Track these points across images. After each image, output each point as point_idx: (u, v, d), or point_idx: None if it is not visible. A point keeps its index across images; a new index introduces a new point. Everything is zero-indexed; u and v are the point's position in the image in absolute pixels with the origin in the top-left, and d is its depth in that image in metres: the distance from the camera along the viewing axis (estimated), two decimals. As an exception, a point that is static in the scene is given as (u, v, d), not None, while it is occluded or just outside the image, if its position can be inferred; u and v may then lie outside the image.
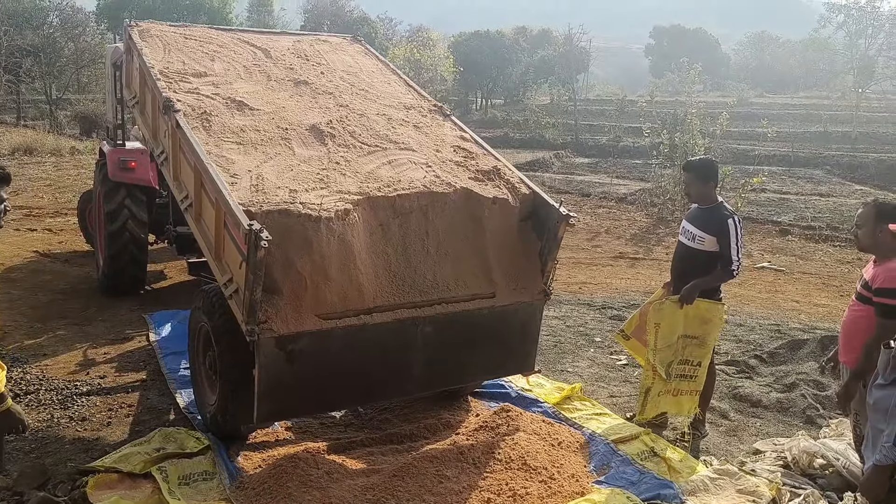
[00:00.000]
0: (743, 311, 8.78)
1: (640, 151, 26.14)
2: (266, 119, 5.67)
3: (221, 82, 6.21)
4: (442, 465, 4.66)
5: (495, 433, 5.09)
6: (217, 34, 7.38)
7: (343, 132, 5.65)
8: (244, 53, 6.97)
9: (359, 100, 6.40)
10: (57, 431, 5.24)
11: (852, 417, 4.37)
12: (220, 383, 4.85)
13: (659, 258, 12.00)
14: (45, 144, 21.94)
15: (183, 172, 5.59)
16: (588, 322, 8.22)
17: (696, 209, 5.51)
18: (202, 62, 6.55)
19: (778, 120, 32.47)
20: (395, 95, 6.74)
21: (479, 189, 5.28)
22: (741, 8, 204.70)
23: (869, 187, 22.77)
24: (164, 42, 6.81)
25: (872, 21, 41.79)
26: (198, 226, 5.29)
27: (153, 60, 6.33)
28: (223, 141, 5.29)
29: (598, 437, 5.27)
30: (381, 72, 7.35)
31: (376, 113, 6.15)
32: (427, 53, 40.31)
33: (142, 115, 6.83)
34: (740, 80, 62.86)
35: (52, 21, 38.89)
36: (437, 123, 6.34)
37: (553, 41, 53.00)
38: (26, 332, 7.26)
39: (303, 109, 5.98)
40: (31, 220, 12.48)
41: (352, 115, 5.98)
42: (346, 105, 6.17)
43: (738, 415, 5.95)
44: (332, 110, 6.02)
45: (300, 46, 7.44)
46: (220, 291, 4.82)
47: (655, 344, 5.34)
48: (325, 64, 7.12)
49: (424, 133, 6.05)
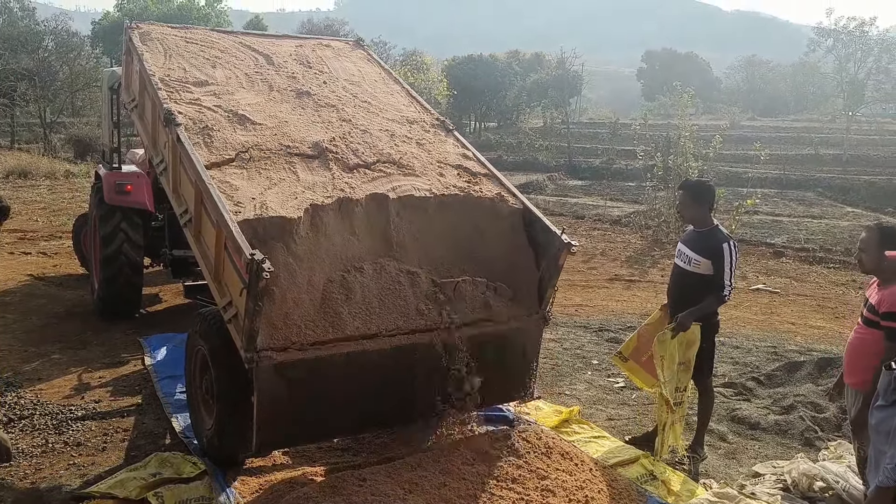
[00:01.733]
0: (739, 333, 8.78)
1: (633, 174, 26.28)
2: (269, 136, 5.64)
3: (223, 92, 6.14)
4: (444, 487, 4.62)
5: (495, 455, 5.05)
6: (219, 37, 7.26)
7: (346, 151, 5.63)
8: (246, 59, 6.87)
9: (362, 113, 6.36)
10: (51, 457, 5.18)
11: (856, 440, 4.35)
12: (217, 408, 4.81)
13: (654, 280, 12.02)
14: (39, 168, 21.95)
15: (183, 186, 5.54)
16: (585, 344, 8.21)
17: (691, 232, 5.50)
18: (203, 69, 6.47)
19: (769, 143, 32.60)
20: (398, 107, 6.70)
21: (480, 218, 5.32)
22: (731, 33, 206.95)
23: (861, 209, 22.93)
24: (164, 46, 6.70)
25: (861, 45, 42.25)
26: (197, 243, 5.24)
27: (154, 67, 6.24)
28: (225, 160, 5.27)
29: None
30: (384, 81, 7.27)
31: (379, 128, 6.14)
32: (421, 77, 40.52)
33: (140, 119, 6.73)
34: (731, 103, 63.40)
35: (48, 45, 39.05)
36: (439, 140, 6.34)
37: (546, 65, 53.43)
38: (20, 357, 7.20)
39: (305, 124, 5.94)
40: (25, 244, 12.44)
41: (355, 130, 5.98)
42: (348, 120, 6.14)
43: (736, 437, 5.93)
44: (335, 125, 6.00)
45: (303, 52, 7.32)
46: (217, 315, 4.80)
47: (664, 376, 5.29)
48: (328, 72, 7.03)
49: (427, 151, 6.05)
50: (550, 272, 5.32)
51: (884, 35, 42.97)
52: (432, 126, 6.53)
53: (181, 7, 50.26)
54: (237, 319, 4.43)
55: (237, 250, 4.30)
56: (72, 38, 40.49)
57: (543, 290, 5.36)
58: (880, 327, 4.06)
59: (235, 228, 4.39)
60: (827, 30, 43.23)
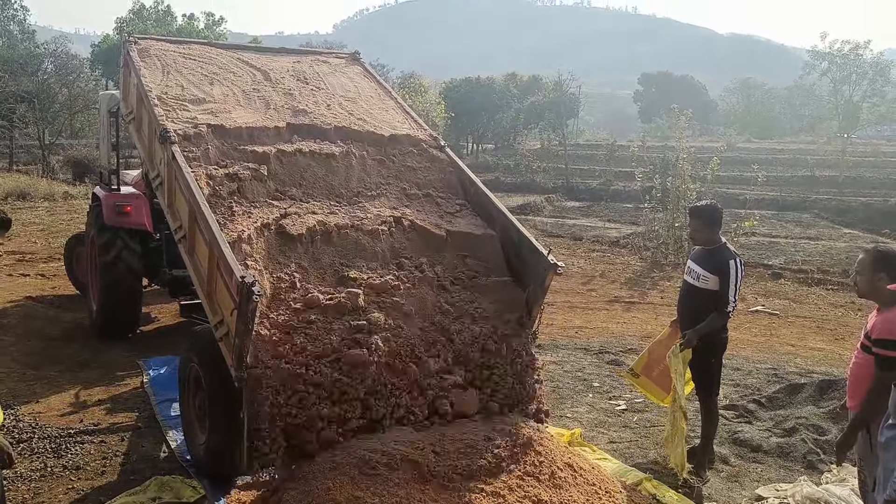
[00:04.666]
0: (739, 354, 8.76)
1: (630, 195, 26.34)
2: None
3: (220, 110, 6.17)
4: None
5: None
6: (217, 53, 7.31)
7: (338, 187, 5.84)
8: (244, 76, 6.92)
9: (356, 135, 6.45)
10: (50, 482, 5.14)
11: (858, 464, 4.33)
12: (209, 424, 4.83)
13: (654, 302, 12.02)
14: (38, 189, 21.95)
15: (178, 202, 5.57)
16: (586, 367, 8.19)
17: (700, 249, 5.64)
18: (201, 86, 6.51)
19: (766, 165, 32.81)
20: (393, 124, 6.76)
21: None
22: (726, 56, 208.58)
23: (858, 231, 22.98)
24: (163, 63, 6.75)
25: (856, 68, 42.49)
26: (190, 259, 5.31)
27: (151, 84, 6.28)
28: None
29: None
30: (379, 97, 7.35)
31: (372, 157, 6.23)
32: (419, 99, 40.75)
33: (138, 132, 6.76)
34: (728, 125, 63.77)
35: (47, 68, 39.20)
36: (432, 158, 6.49)
37: (543, 87, 53.72)
38: (19, 379, 7.17)
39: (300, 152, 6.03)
40: (23, 266, 12.41)
41: (349, 156, 6.08)
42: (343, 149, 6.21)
43: (738, 460, 5.90)
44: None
45: (300, 67, 7.37)
46: (210, 333, 4.82)
47: (679, 391, 5.39)
48: (324, 88, 7.09)
49: (418, 175, 6.25)
50: (537, 292, 5.37)
51: (878, 58, 43.11)
52: (428, 146, 6.63)
53: (181, 30, 50.64)
54: (228, 338, 4.44)
55: (229, 271, 4.31)
56: (71, 60, 40.59)
57: (530, 308, 5.40)
58: (873, 353, 3.99)
59: (227, 249, 4.41)
60: (821, 53, 43.45)
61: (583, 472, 4.84)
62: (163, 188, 5.92)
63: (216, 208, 5.03)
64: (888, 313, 3.98)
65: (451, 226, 5.77)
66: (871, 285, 4.09)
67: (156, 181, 6.16)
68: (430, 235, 5.64)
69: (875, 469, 3.96)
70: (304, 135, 6.24)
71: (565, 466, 4.80)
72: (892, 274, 3.99)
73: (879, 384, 3.87)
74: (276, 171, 5.72)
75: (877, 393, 3.88)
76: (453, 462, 4.45)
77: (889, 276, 3.99)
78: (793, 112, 67.40)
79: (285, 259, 5.07)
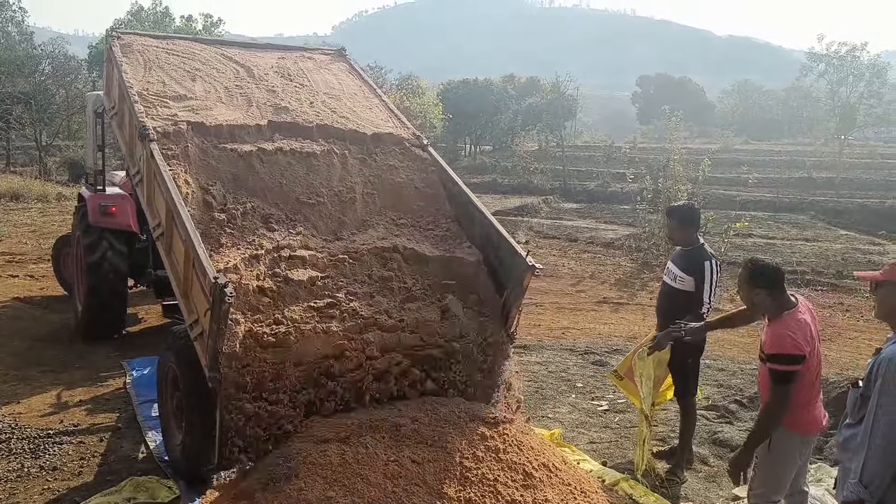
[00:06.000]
0: (725, 355, 8.77)
1: (628, 197, 26.37)
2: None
3: (201, 107, 6.13)
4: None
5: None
6: (200, 49, 7.25)
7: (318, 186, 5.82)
8: (227, 72, 6.87)
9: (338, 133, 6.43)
10: (26, 482, 5.13)
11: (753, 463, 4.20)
12: (186, 424, 4.83)
13: (643, 303, 12.01)
14: (31, 190, 21.91)
15: (156, 200, 5.56)
16: (570, 367, 8.18)
17: (679, 250, 5.66)
18: (183, 82, 6.47)
19: (763, 166, 32.90)
20: (376, 123, 6.72)
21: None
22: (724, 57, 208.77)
23: (854, 232, 23.00)
24: (145, 58, 6.70)
25: (853, 70, 42.52)
26: (168, 258, 5.30)
27: (133, 80, 6.24)
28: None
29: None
30: (364, 94, 7.30)
31: (354, 156, 6.21)
32: (416, 101, 40.78)
33: (119, 128, 6.72)
34: (725, 126, 63.79)
35: (44, 69, 39.16)
36: (414, 157, 6.48)
37: (541, 89, 53.74)
38: (1, 380, 7.16)
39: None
40: (13, 266, 12.40)
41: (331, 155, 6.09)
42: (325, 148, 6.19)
43: (717, 460, 5.89)
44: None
45: (284, 64, 7.34)
46: (186, 333, 4.82)
47: (643, 392, 5.38)
48: (308, 85, 7.05)
49: (401, 174, 6.26)
50: (515, 293, 5.37)
51: (875, 60, 43.12)
52: (410, 145, 6.60)
53: (179, 31, 50.60)
54: (202, 338, 4.44)
55: (203, 272, 4.31)
56: (69, 61, 40.56)
57: (508, 309, 5.40)
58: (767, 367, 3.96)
59: (202, 250, 4.41)
60: (819, 55, 43.53)
61: (558, 472, 4.84)
62: (142, 185, 5.90)
63: (205, 234, 4.98)
64: (775, 326, 3.94)
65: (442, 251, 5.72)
66: (751, 300, 4.08)
67: (136, 178, 6.13)
68: (419, 258, 5.61)
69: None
70: (286, 133, 6.18)
71: (541, 466, 4.79)
72: (768, 287, 3.97)
73: (775, 398, 3.89)
74: (257, 171, 5.71)
75: (774, 406, 3.92)
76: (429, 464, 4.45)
77: (766, 291, 3.97)
78: (790, 114, 67.48)
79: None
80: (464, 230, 5.97)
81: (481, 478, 4.43)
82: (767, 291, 3.97)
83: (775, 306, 3.96)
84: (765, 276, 3.99)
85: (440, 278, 5.48)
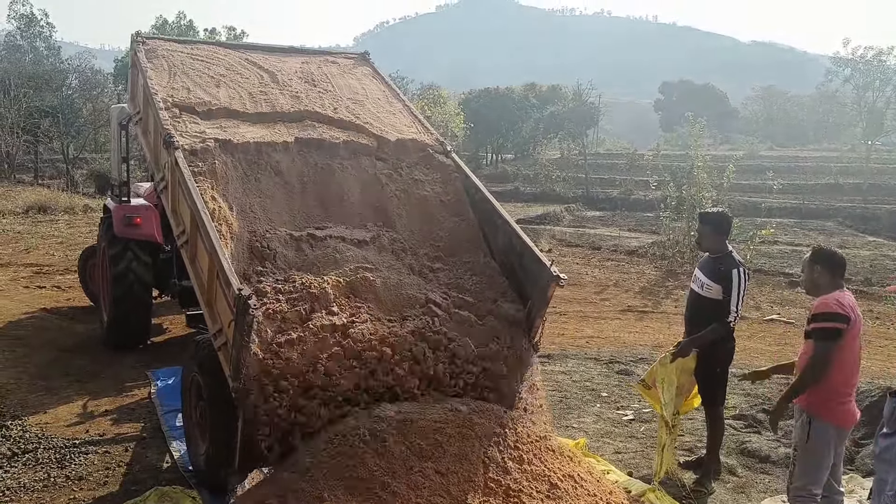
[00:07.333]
0: (752, 364, 8.61)
1: (651, 204, 26.19)
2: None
3: (228, 125, 6.08)
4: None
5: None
6: (225, 53, 7.26)
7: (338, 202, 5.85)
8: (251, 77, 6.86)
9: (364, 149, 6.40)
10: (53, 492, 5.17)
11: (791, 454, 4.52)
12: (210, 433, 4.84)
13: (667, 311, 11.89)
14: (59, 202, 22.22)
15: (181, 207, 5.58)
16: (594, 377, 8.11)
17: (707, 258, 5.58)
18: (207, 88, 6.46)
19: (788, 172, 32.52)
20: (399, 128, 6.70)
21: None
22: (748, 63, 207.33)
23: (882, 238, 22.68)
24: (169, 64, 6.73)
25: (879, 74, 42.09)
26: (192, 267, 5.31)
27: (158, 86, 6.26)
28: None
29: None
30: (387, 99, 7.28)
31: (374, 168, 6.20)
32: (438, 110, 40.84)
33: (144, 135, 6.76)
34: (749, 133, 63.23)
35: (71, 83, 39.77)
36: (438, 166, 6.43)
37: (562, 97, 53.63)
38: (28, 390, 7.23)
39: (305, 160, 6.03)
40: (40, 278, 12.55)
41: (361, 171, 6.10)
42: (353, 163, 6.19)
43: (745, 471, 5.80)
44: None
45: (308, 69, 7.32)
46: (210, 342, 4.83)
47: (664, 399, 5.33)
48: (332, 90, 7.03)
49: (426, 188, 6.21)
50: (539, 303, 5.31)
51: (902, 63, 42.73)
52: (434, 151, 6.56)
53: (202, 44, 51.15)
54: (226, 348, 4.44)
55: (227, 283, 4.32)
56: (95, 75, 41.18)
57: (532, 319, 5.34)
58: (810, 331, 4.31)
59: (227, 262, 4.42)
60: (844, 59, 43.10)
61: (584, 483, 4.78)
62: (167, 192, 5.93)
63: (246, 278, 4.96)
64: (823, 297, 4.31)
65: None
66: (810, 277, 4.45)
67: (160, 184, 6.16)
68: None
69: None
70: (313, 150, 6.15)
71: (566, 477, 4.74)
72: (827, 266, 4.37)
73: (817, 354, 4.23)
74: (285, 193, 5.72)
75: (815, 360, 4.26)
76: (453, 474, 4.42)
77: (825, 268, 4.38)
78: (816, 119, 66.78)
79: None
80: (487, 240, 5.94)
81: (506, 489, 4.40)
82: (827, 269, 4.35)
83: (830, 285, 4.33)
84: (825, 256, 4.41)
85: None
